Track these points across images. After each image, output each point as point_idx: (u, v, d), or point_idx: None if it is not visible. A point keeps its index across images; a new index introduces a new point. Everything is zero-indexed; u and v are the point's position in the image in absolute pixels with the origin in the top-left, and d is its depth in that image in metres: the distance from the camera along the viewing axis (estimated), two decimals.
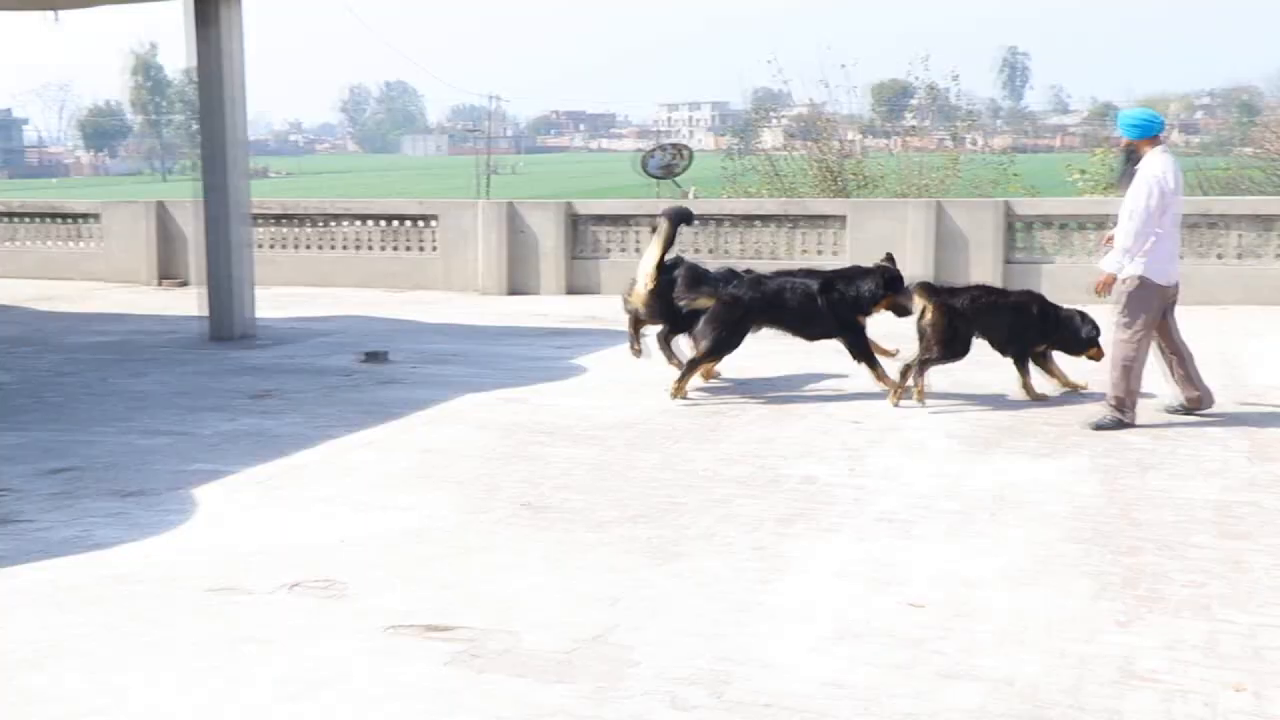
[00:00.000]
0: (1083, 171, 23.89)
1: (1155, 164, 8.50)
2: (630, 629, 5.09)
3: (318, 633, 5.12)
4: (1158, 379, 9.03)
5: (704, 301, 9.81)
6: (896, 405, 9.26)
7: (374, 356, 11.75)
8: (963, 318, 9.37)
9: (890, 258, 10.30)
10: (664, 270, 10.30)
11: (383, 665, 4.77)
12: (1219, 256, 14.47)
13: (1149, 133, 8.63)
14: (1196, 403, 8.77)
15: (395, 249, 17.89)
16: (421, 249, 17.76)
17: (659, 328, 10.58)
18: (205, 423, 9.15)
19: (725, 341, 9.78)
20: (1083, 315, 9.61)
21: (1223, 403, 9.01)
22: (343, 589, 5.64)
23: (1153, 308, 8.58)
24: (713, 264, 15.98)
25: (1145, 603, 5.34)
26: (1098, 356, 9.45)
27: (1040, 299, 9.83)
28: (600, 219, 17.03)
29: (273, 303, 15.68)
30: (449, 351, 12.24)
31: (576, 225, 16.99)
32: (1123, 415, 8.57)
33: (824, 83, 26.22)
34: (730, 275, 10.31)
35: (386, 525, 6.63)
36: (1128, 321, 8.57)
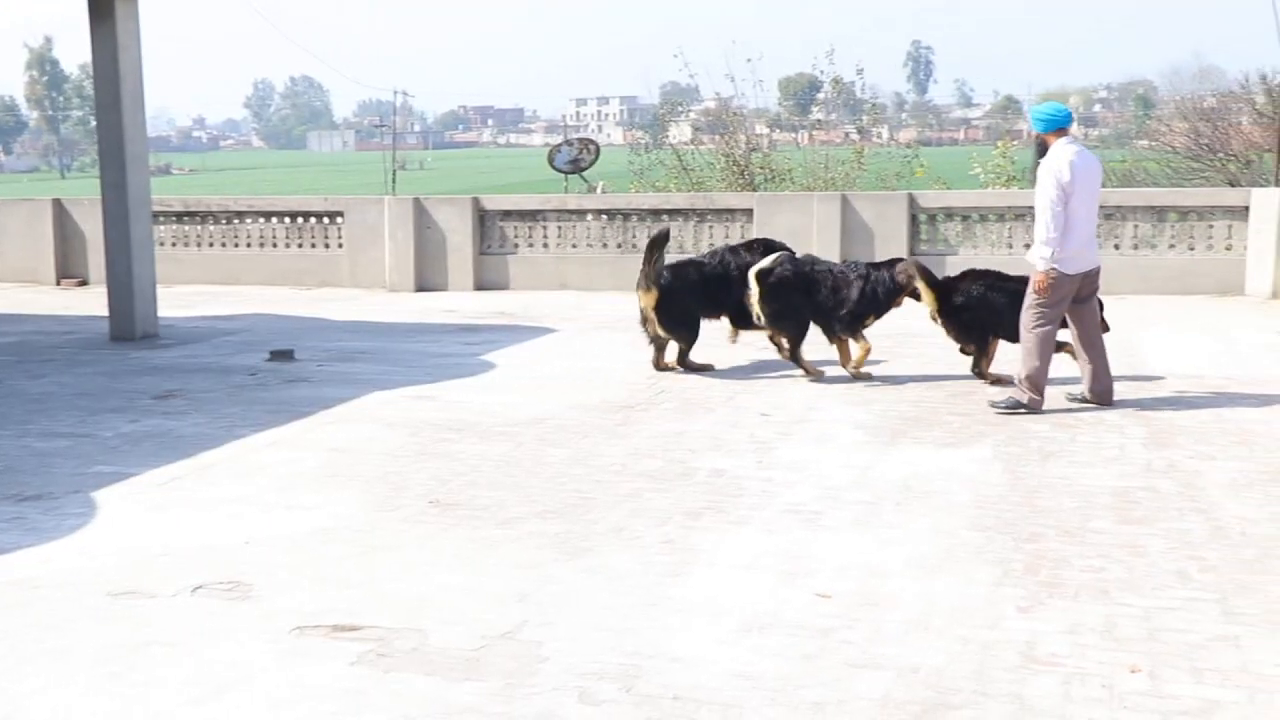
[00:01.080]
0: (986, 164, 24.21)
1: (1054, 156, 8.71)
2: (539, 625, 5.09)
3: (223, 635, 5.05)
4: (1072, 368, 9.21)
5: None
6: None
7: (280, 355, 11.62)
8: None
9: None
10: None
11: (290, 666, 4.72)
12: (1116, 247, 14.75)
13: (1053, 126, 8.81)
14: (1100, 396, 8.94)
15: (302, 246, 17.70)
16: (328, 246, 17.59)
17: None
18: (106, 424, 8.99)
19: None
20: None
21: (1121, 391, 9.20)
22: (249, 590, 5.58)
23: (1062, 296, 8.77)
24: (620, 259, 16.06)
25: (1046, 588, 5.44)
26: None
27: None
28: (509, 214, 16.97)
29: (177, 302, 15.46)
30: (357, 349, 12.14)
31: (485, 221, 16.92)
32: (1022, 398, 8.78)
33: (730, 77, 26.34)
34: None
35: (293, 525, 6.56)
36: (1035, 308, 8.77)
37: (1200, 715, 4.20)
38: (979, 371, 9.80)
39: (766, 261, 10.13)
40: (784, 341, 10.20)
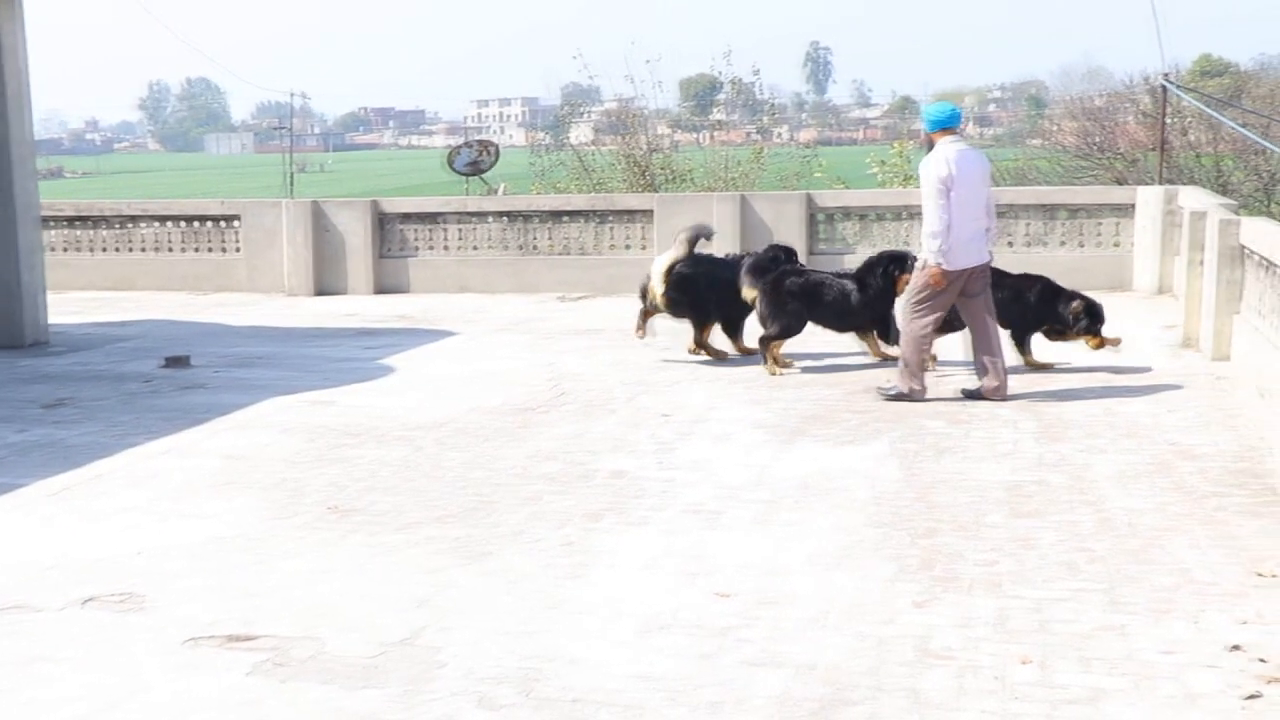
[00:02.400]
0: (883, 163, 24.52)
1: (936, 154, 8.98)
2: (438, 630, 5.06)
3: (114, 648, 4.96)
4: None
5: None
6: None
7: (176, 361, 11.43)
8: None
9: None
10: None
11: (183, 678, 4.65)
12: (1010, 244, 14.99)
13: (940, 125, 9.05)
14: (994, 392, 9.09)
15: (198, 250, 17.43)
16: (225, 250, 17.34)
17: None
18: None
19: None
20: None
21: (1015, 385, 9.35)
22: (141, 601, 5.48)
23: (946, 291, 8.99)
24: (521, 261, 16.04)
25: (941, 582, 5.52)
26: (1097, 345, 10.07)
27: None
28: (409, 217, 16.86)
29: (68, 308, 15.15)
30: (254, 354, 11.98)
31: (384, 224, 16.79)
32: (903, 387, 9.06)
33: (630, 78, 26.40)
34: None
35: (188, 534, 6.46)
36: (917, 301, 9.06)
37: (1088, 704, 4.29)
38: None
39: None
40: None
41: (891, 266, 10.46)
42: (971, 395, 9.15)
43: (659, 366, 10.75)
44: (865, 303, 10.41)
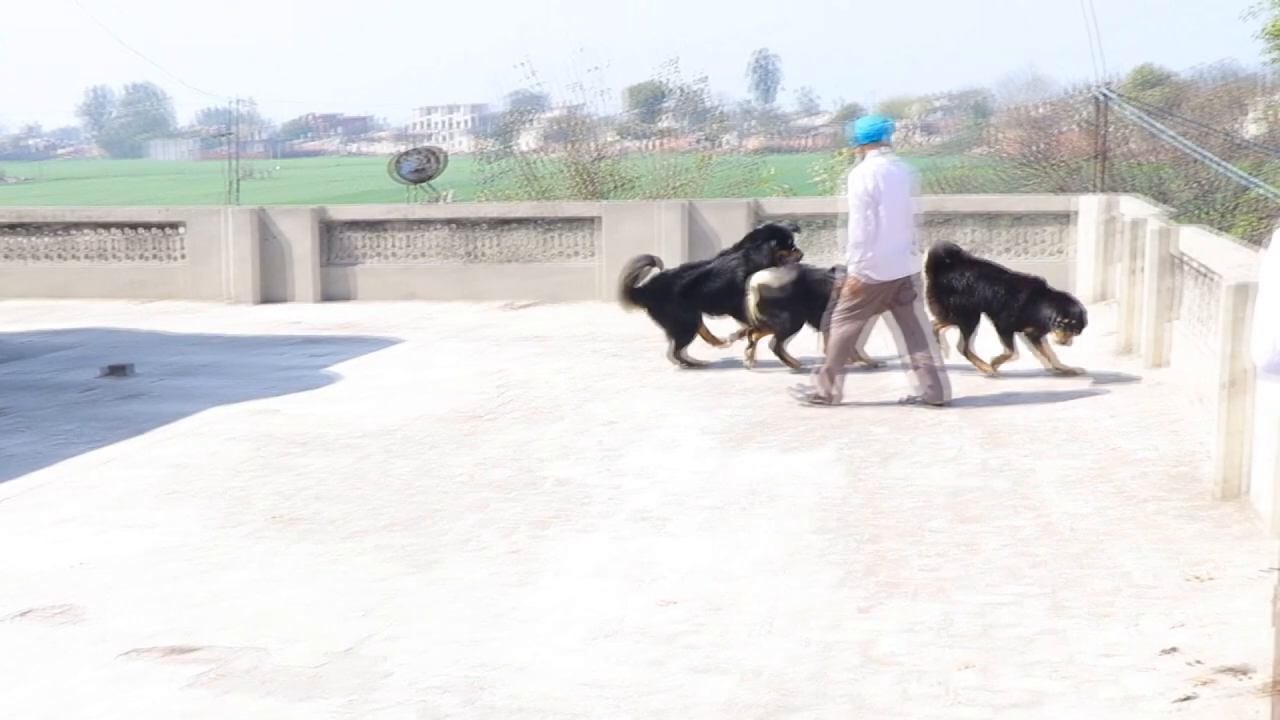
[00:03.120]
0: (829, 171, 24.68)
1: (862, 166, 9.17)
2: (383, 640, 5.04)
3: (51, 662, 4.90)
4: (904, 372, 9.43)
5: None
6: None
7: (117, 370, 11.31)
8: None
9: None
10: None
11: (120, 692, 4.60)
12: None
13: (867, 139, 9.26)
14: (932, 397, 9.17)
15: (140, 258, 17.24)
16: (168, 258, 17.17)
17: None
18: None
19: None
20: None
21: (962, 390, 9.44)
22: (79, 614, 5.42)
23: (871, 300, 9.16)
24: (467, 269, 16.00)
25: (886, 588, 5.56)
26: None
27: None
28: (354, 225, 16.77)
29: (6, 317, 14.99)
30: (198, 363, 11.88)
31: (330, 231, 16.69)
32: (821, 390, 9.21)
33: (576, 86, 26.41)
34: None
35: (129, 545, 6.40)
36: (844, 310, 9.26)
37: (1028, 707, 4.34)
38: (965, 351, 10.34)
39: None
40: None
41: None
42: (913, 402, 9.22)
43: (606, 374, 10.76)
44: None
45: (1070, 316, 10.01)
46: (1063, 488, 7.06)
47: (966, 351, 10.28)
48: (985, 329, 10.32)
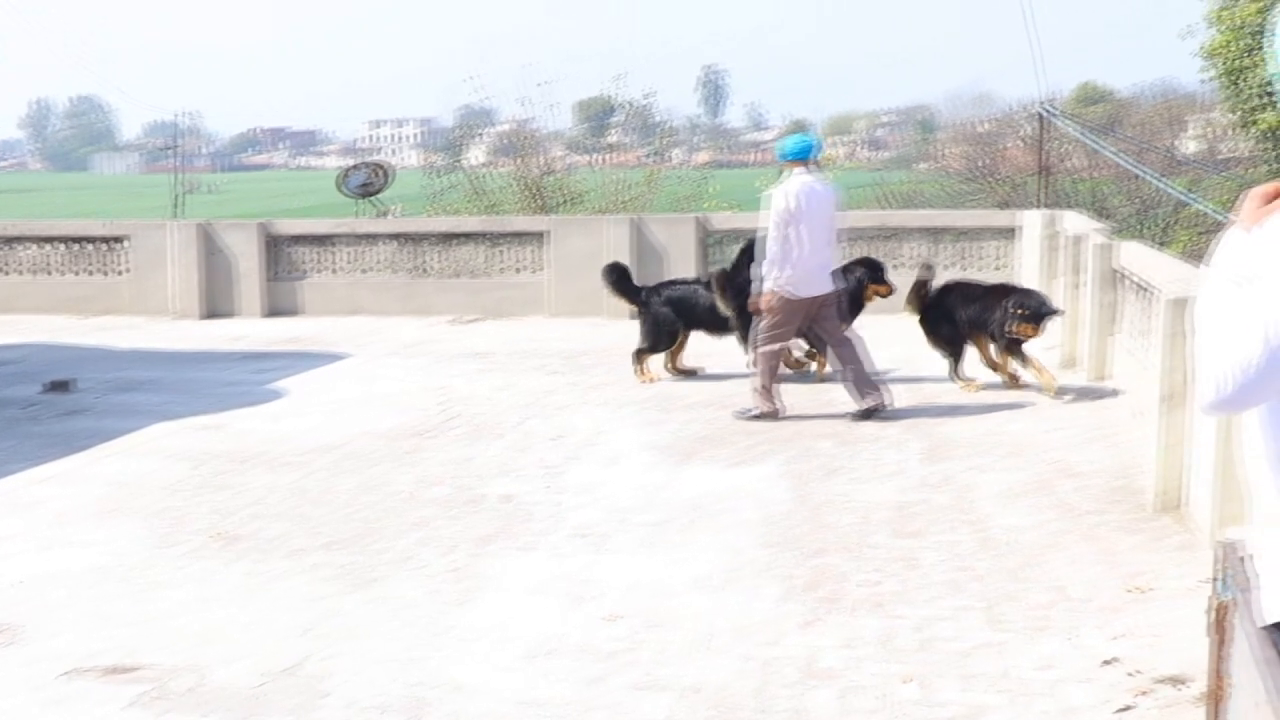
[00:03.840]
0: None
1: (784, 185, 9.28)
2: (323, 659, 5.01)
3: None
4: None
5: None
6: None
7: (58, 386, 11.18)
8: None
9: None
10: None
11: (58, 714, 4.55)
12: (896, 266, 15.18)
13: (792, 156, 9.39)
14: (878, 405, 9.26)
15: (83, 273, 17.06)
16: (110, 272, 16.99)
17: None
18: None
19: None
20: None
21: (906, 403, 9.52)
22: (17, 633, 5.35)
23: (791, 316, 9.29)
24: (413, 284, 15.94)
25: (827, 603, 5.59)
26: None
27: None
28: (300, 239, 16.66)
29: None
30: (140, 378, 11.76)
31: (275, 246, 16.58)
32: (763, 408, 9.26)
33: (525, 100, 26.42)
34: None
35: (69, 563, 6.32)
36: (767, 327, 9.34)
37: None
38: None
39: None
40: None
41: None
42: (866, 416, 9.26)
43: (550, 390, 10.75)
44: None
45: (1025, 308, 10.08)
46: (1003, 501, 7.11)
47: (958, 375, 10.36)
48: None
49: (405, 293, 16.05)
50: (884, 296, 10.89)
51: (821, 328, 9.54)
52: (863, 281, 10.72)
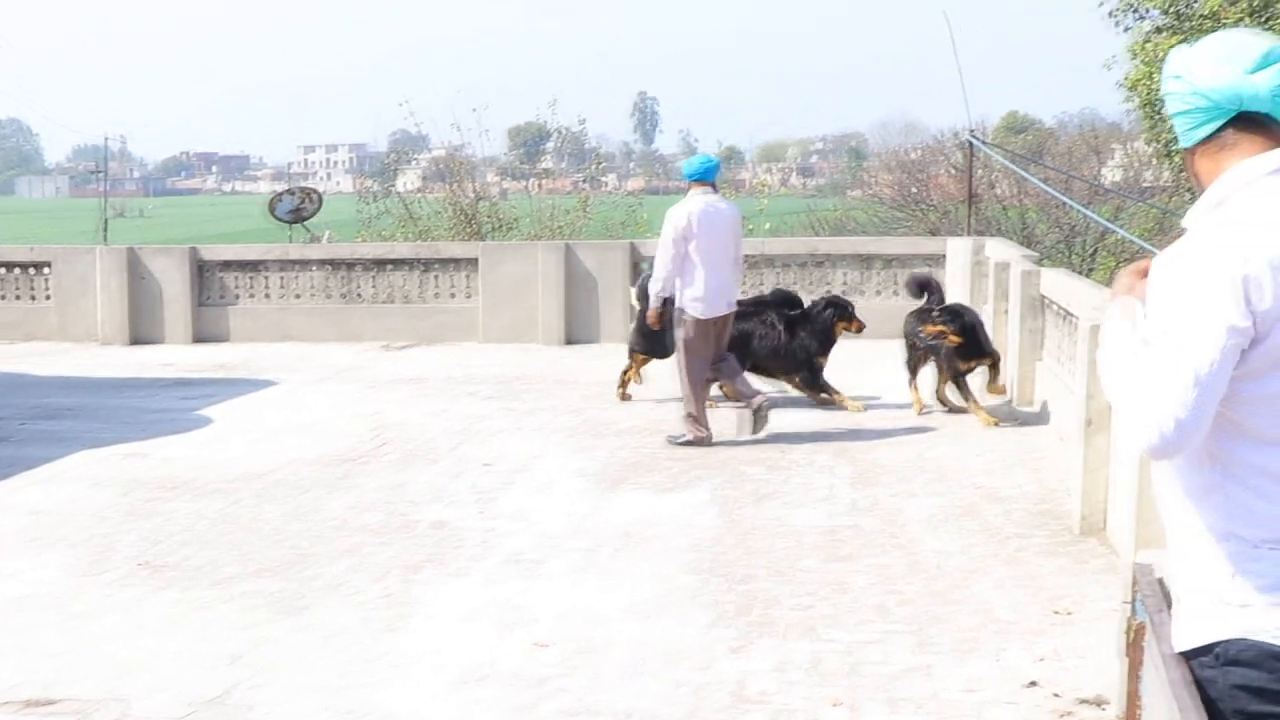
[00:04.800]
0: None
1: (681, 204, 9.42)
2: (251, 688, 4.97)
3: None
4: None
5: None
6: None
7: None
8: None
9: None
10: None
11: None
12: (827, 292, 15.35)
13: (694, 177, 9.53)
14: (763, 408, 9.46)
15: (6, 298, 16.81)
16: (35, 298, 16.76)
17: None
18: None
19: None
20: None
21: (830, 430, 9.60)
22: None
23: (701, 337, 9.39)
24: (344, 310, 15.86)
25: (758, 627, 5.62)
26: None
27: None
28: (229, 265, 16.53)
29: None
30: (64, 406, 11.61)
31: (204, 271, 16.44)
32: (688, 433, 9.32)
33: (456, 126, 26.39)
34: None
35: None
36: (682, 350, 9.44)
37: None
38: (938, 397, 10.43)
39: None
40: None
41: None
42: (756, 421, 9.43)
43: (483, 416, 10.73)
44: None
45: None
46: (930, 526, 7.20)
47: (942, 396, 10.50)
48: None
49: (336, 319, 15.97)
50: (855, 333, 11.01)
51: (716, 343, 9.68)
52: (831, 321, 10.78)
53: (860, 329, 11.00)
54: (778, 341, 10.70)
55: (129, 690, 4.95)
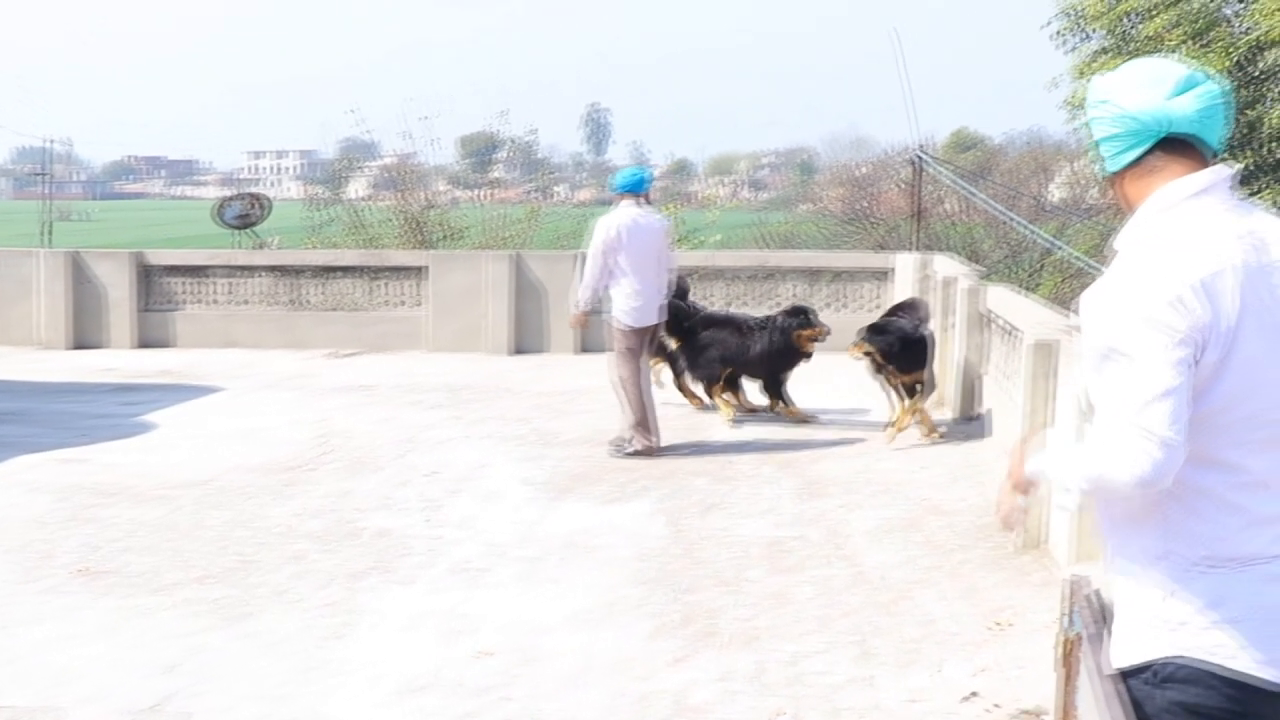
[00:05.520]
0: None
1: (609, 215, 9.59)
2: (190, 696, 4.93)
3: None
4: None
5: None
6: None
7: None
8: None
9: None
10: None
11: None
12: (776, 305, 15.42)
13: (622, 189, 9.68)
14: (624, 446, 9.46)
15: None
16: None
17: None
18: None
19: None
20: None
21: (777, 442, 9.65)
22: None
23: (632, 345, 9.49)
24: (291, 316, 15.76)
25: (701, 638, 5.64)
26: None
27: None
28: (174, 270, 16.39)
29: None
30: (3, 410, 11.44)
31: (149, 276, 16.28)
32: (639, 445, 9.36)
33: (407, 135, 26.30)
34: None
35: None
36: (617, 359, 9.55)
37: None
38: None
39: None
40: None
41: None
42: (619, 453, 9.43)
43: (430, 424, 10.69)
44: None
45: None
46: (874, 538, 7.24)
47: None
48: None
49: (282, 325, 15.87)
50: (819, 340, 10.74)
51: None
52: (788, 330, 10.64)
53: (823, 334, 10.75)
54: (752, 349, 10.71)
55: (65, 699, 4.90)
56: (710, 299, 15.11)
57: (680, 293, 11.11)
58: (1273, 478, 2.45)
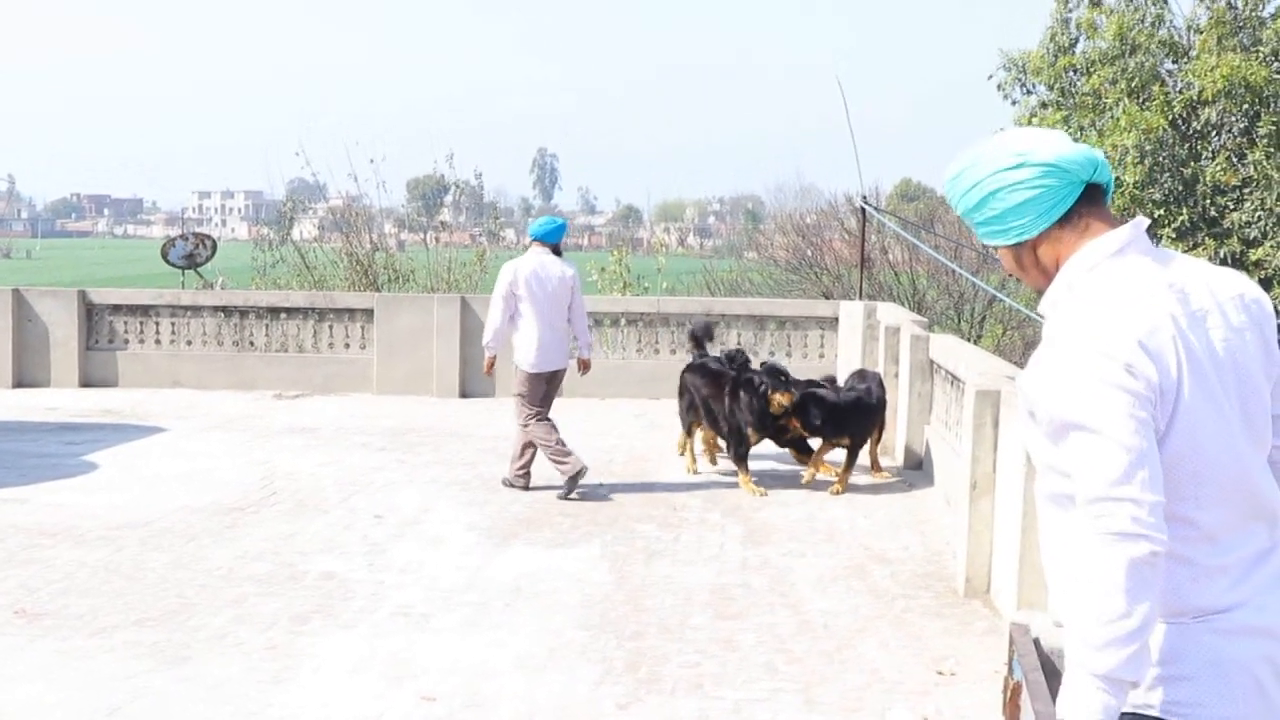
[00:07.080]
0: (603, 269, 25.04)
1: (510, 263, 9.85)
2: None
3: None
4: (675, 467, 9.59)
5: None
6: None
7: None
8: None
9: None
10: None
11: None
12: (722, 349, 15.48)
13: (536, 236, 9.91)
14: (525, 482, 9.76)
15: None
16: None
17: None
18: None
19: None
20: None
21: (723, 488, 9.69)
22: None
23: (533, 390, 9.65)
24: (237, 357, 15.67)
25: (646, 684, 5.64)
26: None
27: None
28: (119, 309, 16.24)
29: None
30: None
31: (93, 315, 16.14)
32: (569, 470, 9.46)
33: (354, 177, 26.29)
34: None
35: None
36: (517, 401, 9.73)
37: None
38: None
39: None
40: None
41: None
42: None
43: (375, 467, 10.65)
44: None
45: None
46: (819, 586, 7.28)
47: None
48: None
49: (229, 366, 15.76)
50: (785, 405, 9.85)
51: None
52: (766, 391, 9.85)
53: (791, 402, 9.85)
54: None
55: None
56: (657, 345, 15.19)
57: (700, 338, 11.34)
58: (1220, 531, 2.43)
